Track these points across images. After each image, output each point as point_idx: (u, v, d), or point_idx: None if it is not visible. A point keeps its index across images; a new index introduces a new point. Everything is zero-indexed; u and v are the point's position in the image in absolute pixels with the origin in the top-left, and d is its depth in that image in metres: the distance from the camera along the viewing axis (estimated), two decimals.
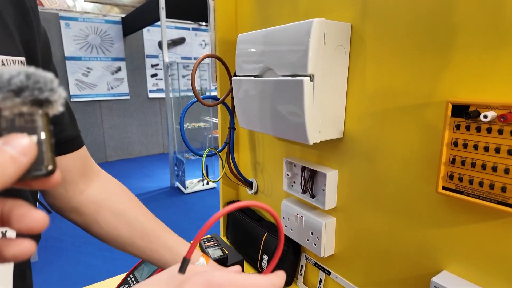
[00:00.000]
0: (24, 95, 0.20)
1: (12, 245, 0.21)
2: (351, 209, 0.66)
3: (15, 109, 0.21)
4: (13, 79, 0.20)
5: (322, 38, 0.56)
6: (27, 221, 0.21)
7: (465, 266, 0.49)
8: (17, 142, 0.20)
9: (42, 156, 0.22)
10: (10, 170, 0.19)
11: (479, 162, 0.44)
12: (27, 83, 0.21)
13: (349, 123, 0.64)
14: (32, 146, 0.21)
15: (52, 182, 0.23)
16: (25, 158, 0.20)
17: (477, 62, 0.44)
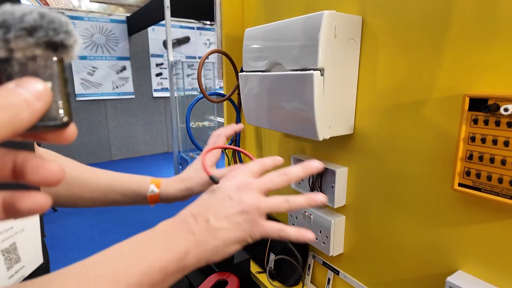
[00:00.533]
0: (38, 35, 0.19)
1: (26, 197, 0.20)
2: (361, 207, 0.65)
3: (28, 51, 0.19)
4: (26, 17, 0.19)
5: (333, 31, 0.54)
6: (42, 172, 0.20)
7: (482, 266, 0.48)
8: (32, 86, 0.19)
9: (57, 105, 0.20)
10: (23, 114, 0.18)
11: (498, 158, 0.42)
12: (41, 22, 0.19)
13: (359, 118, 0.62)
14: (47, 91, 0.19)
15: (67, 136, 0.21)
16: (39, 103, 0.19)
17: (495, 54, 0.42)
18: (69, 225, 3.10)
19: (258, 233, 0.40)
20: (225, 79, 0.95)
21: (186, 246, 0.36)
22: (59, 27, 0.20)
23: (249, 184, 0.42)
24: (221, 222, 0.38)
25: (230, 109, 0.97)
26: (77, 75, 4.75)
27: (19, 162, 0.20)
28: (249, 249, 0.93)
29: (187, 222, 0.38)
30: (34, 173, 0.20)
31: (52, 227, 3.04)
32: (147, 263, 0.33)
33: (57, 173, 0.20)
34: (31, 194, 0.20)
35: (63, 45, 0.20)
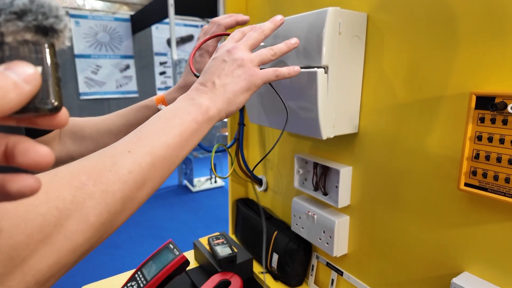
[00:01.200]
0: (27, 19, 0.19)
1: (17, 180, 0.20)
2: (366, 207, 0.64)
3: (18, 36, 0.19)
4: (15, 1, 0.19)
5: (337, 28, 0.53)
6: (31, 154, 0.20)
7: (488, 268, 0.47)
8: (20, 69, 0.19)
9: (48, 90, 0.21)
10: (11, 95, 0.18)
11: (505, 157, 0.41)
12: (30, 6, 0.19)
13: (364, 117, 0.61)
14: (37, 75, 0.19)
15: (58, 120, 0.22)
16: (28, 86, 0.19)
17: (503, 51, 0.42)
18: None
19: (258, 79, 0.47)
20: None
21: (205, 102, 0.44)
22: (48, 12, 0.20)
23: (236, 46, 0.48)
24: (225, 79, 0.46)
25: None
26: (81, 73, 4.76)
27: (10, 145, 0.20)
28: (251, 248, 0.93)
29: (198, 89, 0.46)
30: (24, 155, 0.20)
31: None
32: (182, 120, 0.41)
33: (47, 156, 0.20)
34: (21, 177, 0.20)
35: (53, 29, 0.20)
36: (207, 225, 3.07)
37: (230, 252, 0.82)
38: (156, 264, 0.75)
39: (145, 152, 0.37)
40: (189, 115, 0.42)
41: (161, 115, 0.42)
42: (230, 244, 0.86)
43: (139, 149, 0.37)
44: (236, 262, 0.82)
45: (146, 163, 0.37)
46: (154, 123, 0.41)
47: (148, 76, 5.31)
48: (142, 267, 0.77)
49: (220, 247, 0.84)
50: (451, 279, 0.48)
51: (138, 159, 0.36)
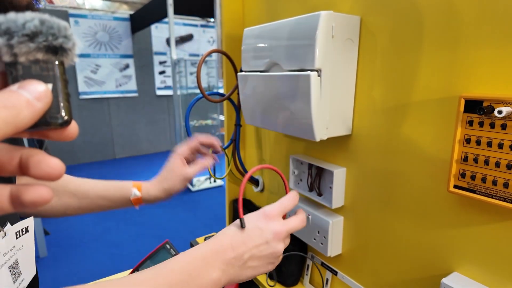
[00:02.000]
0: (39, 40, 0.21)
1: (30, 190, 0.22)
2: (359, 207, 0.65)
3: (30, 56, 0.21)
4: (27, 24, 0.20)
5: (330, 31, 0.54)
6: (43, 167, 0.22)
7: (477, 268, 0.48)
8: (33, 88, 0.20)
9: (58, 105, 0.22)
10: (24, 113, 0.20)
11: (492, 160, 0.42)
12: (41, 28, 0.21)
13: (357, 119, 0.62)
14: (47, 93, 0.21)
15: (68, 133, 0.23)
16: (39, 104, 0.20)
17: (491, 56, 0.42)
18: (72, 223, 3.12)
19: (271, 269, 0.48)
20: (225, 79, 0.95)
21: (220, 276, 0.42)
22: (57, 32, 0.21)
23: (281, 233, 0.47)
24: (254, 262, 0.45)
25: (230, 109, 0.97)
26: (80, 73, 4.77)
27: (24, 157, 0.22)
28: None
29: (225, 254, 0.43)
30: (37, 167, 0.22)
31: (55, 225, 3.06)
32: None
33: (58, 168, 0.22)
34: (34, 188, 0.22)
35: (62, 48, 0.22)
36: (206, 225, 3.08)
37: None
38: (153, 264, 0.76)
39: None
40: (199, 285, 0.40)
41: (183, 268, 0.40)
42: None
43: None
44: None
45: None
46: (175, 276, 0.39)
47: (147, 75, 5.32)
48: (139, 267, 0.78)
49: None
50: (441, 279, 0.48)
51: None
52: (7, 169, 0.23)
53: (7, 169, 0.23)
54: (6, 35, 0.20)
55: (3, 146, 0.23)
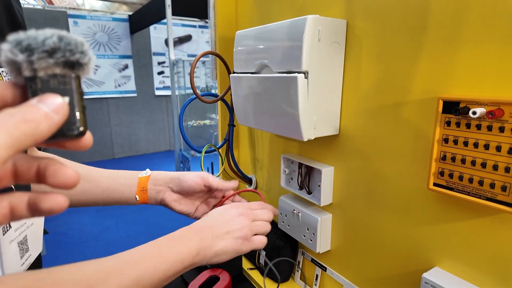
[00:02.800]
0: (57, 56, 0.22)
1: (48, 199, 0.23)
2: (347, 205, 0.67)
3: (49, 70, 0.22)
4: (46, 40, 0.21)
5: (317, 35, 0.56)
6: (60, 176, 0.23)
7: (457, 263, 0.50)
8: (51, 101, 0.22)
9: (74, 117, 0.23)
10: (43, 126, 0.21)
11: (469, 159, 0.44)
12: (59, 45, 0.22)
13: (345, 120, 0.64)
14: (65, 106, 0.22)
15: (83, 143, 0.24)
16: (57, 116, 0.22)
17: (468, 58, 0.44)
18: (71, 222, 3.14)
19: (247, 247, 0.54)
20: (219, 80, 0.97)
21: (197, 247, 0.48)
22: (75, 48, 0.23)
23: (247, 213, 0.57)
24: (223, 234, 0.52)
25: (224, 110, 0.99)
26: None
27: (42, 167, 0.24)
28: None
29: (200, 231, 0.51)
30: (54, 177, 0.23)
31: (54, 224, 3.07)
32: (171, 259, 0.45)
33: (73, 177, 0.23)
34: (52, 196, 0.23)
35: (79, 63, 0.23)
36: None
37: None
38: None
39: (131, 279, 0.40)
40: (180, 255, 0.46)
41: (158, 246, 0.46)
42: None
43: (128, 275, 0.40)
44: None
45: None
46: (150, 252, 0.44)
47: (146, 75, 5.34)
48: None
49: None
50: (422, 273, 0.50)
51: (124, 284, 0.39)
52: (25, 177, 0.24)
53: (25, 178, 0.24)
54: (27, 51, 0.21)
55: (22, 156, 0.24)
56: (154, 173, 0.67)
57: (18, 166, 0.24)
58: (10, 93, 0.23)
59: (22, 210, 0.23)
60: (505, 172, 0.40)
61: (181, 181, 0.65)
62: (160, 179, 0.66)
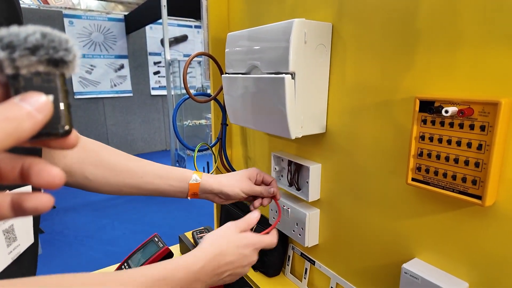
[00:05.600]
0: (40, 53, 0.21)
1: (32, 198, 0.22)
2: (334, 201, 0.70)
3: (32, 68, 0.21)
4: (29, 37, 0.21)
5: (303, 38, 0.59)
6: (44, 175, 0.22)
7: (434, 254, 0.52)
8: (34, 100, 0.21)
9: (59, 115, 0.22)
10: (26, 125, 0.20)
11: (443, 155, 0.47)
12: (42, 42, 0.21)
13: (331, 118, 0.67)
14: (48, 104, 0.21)
15: (69, 143, 0.24)
16: (40, 115, 0.21)
17: (442, 60, 0.47)
18: (67, 221, 3.15)
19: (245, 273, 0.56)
20: (212, 80, 1.00)
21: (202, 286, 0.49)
22: (58, 45, 0.22)
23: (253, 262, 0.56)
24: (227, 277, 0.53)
25: (217, 109, 1.01)
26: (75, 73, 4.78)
27: (25, 166, 0.23)
28: None
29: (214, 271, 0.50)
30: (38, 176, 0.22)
31: (50, 223, 3.08)
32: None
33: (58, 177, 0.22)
34: (36, 195, 0.23)
35: (63, 61, 0.22)
36: (200, 222, 3.12)
37: None
38: (142, 255, 0.80)
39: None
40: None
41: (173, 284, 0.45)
42: None
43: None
44: None
45: None
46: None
47: (142, 75, 5.34)
48: (128, 259, 0.82)
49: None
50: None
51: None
52: (8, 177, 0.23)
53: (9, 178, 0.23)
54: (9, 48, 0.20)
55: (5, 156, 0.23)
56: (204, 180, 0.68)
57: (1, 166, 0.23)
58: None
59: (5, 210, 0.23)
60: (475, 167, 0.43)
61: (229, 196, 0.68)
62: (208, 189, 0.68)
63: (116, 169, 0.65)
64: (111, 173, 0.64)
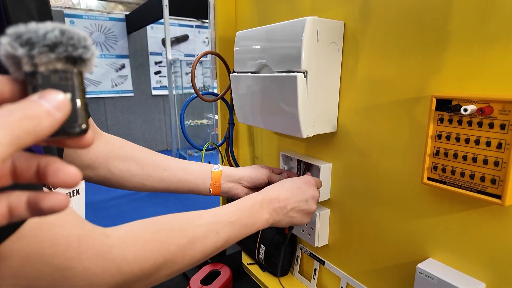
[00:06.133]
0: (59, 50, 0.21)
1: (49, 198, 0.22)
2: (345, 200, 0.69)
3: (50, 65, 0.21)
4: (48, 34, 0.21)
5: (315, 36, 0.58)
6: (61, 175, 0.22)
7: (450, 254, 0.52)
8: (52, 97, 0.21)
9: (76, 114, 0.22)
10: (45, 123, 0.20)
11: (460, 154, 0.46)
12: (61, 39, 0.21)
13: (342, 117, 0.66)
14: (67, 102, 0.21)
15: (85, 141, 0.23)
16: (59, 113, 0.21)
17: (461, 58, 0.47)
18: None
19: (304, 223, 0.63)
20: (219, 79, 0.99)
21: (269, 218, 0.56)
22: (77, 43, 0.22)
23: (316, 197, 0.63)
24: (294, 213, 0.60)
25: (224, 108, 1.01)
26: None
27: (42, 165, 0.22)
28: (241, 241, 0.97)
29: (273, 203, 0.58)
30: (55, 176, 0.22)
31: None
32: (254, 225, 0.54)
33: (75, 176, 0.22)
34: (52, 195, 0.22)
35: (81, 59, 0.22)
36: None
37: None
38: None
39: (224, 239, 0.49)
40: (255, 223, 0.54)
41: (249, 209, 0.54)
42: None
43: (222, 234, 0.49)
44: (225, 254, 0.87)
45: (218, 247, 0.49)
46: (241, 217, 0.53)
47: (143, 75, 5.34)
48: None
49: None
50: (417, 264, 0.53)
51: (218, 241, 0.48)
52: (24, 176, 0.23)
53: (24, 177, 0.23)
54: (27, 45, 0.20)
55: (22, 154, 0.23)
56: (226, 169, 0.70)
57: (17, 164, 0.23)
58: (9, 89, 0.21)
59: (21, 210, 0.22)
60: (494, 166, 0.43)
61: (253, 178, 0.70)
62: (232, 175, 0.70)
63: (142, 162, 0.66)
64: (136, 166, 0.66)
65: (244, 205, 0.55)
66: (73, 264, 0.34)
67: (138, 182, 0.66)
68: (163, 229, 0.44)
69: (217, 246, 0.49)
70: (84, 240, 0.36)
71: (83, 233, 0.37)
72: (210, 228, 0.48)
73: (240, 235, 0.52)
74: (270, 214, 0.56)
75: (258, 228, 0.55)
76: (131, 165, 0.65)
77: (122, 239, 0.40)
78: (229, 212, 0.52)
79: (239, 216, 0.52)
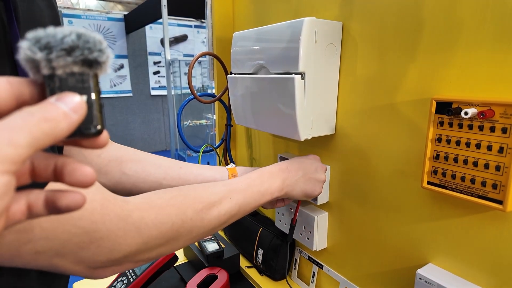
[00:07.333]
0: (75, 54, 0.22)
1: (66, 196, 0.23)
2: (343, 204, 0.68)
3: (67, 69, 0.22)
4: (65, 38, 0.21)
5: (313, 37, 0.57)
6: (78, 175, 0.23)
7: (450, 259, 0.51)
8: (69, 100, 0.21)
9: (92, 115, 0.23)
10: (62, 125, 0.21)
11: (461, 158, 0.45)
12: (78, 43, 0.22)
13: (340, 120, 0.65)
14: (83, 104, 0.22)
15: (100, 142, 0.24)
16: (75, 115, 0.21)
17: (461, 60, 0.46)
18: None
19: (317, 193, 0.63)
20: (216, 80, 0.98)
21: (282, 185, 0.58)
22: (93, 46, 0.22)
23: (324, 168, 0.65)
24: (305, 181, 0.61)
25: (222, 110, 1.00)
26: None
27: (59, 165, 0.23)
28: (239, 244, 0.96)
29: (284, 172, 0.60)
30: (71, 175, 0.23)
31: None
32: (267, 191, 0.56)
33: (90, 176, 0.23)
34: (69, 193, 0.23)
35: (97, 61, 0.23)
36: None
37: (217, 248, 0.86)
38: None
39: (237, 204, 0.51)
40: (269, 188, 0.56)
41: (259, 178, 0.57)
42: (217, 240, 0.89)
43: (236, 200, 0.51)
44: (223, 257, 0.86)
45: (233, 213, 0.51)
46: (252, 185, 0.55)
47: (142, 75, 5.32)
48: None
49: (208, 243, 0.88)
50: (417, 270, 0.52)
51: (232, 208, 0.50)
52: (42, 176, 0.24)
53: (42, 176, 0.24)
54: (46, 49, 0.21)
55: (40, 154, 0.24)
56: (239, 168, 0.70)
57: (35, 164, 0.24)
58: (28, 91, 0.22)
59: (39, 208, 0.23)
60: (495, 171, 0.42)
61: None
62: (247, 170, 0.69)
63: (157, 162, 0.66)
64: (152, 166, 0.65)
65: (253, 175, 0.57)
66: (98, 227, 0.36)
67: (155, 181, 0.64)
68: (178, 195, 0.46)
69: (232, 213, 0.51)
70: (105, 204, 0.37)
71: (104, 198, 0.38)
72: (224, 195, 0.50)
73: (253, 202, 0.54)
74: (282, 181, 0.58)
75: (272, 195, 0.57)
76: (146, 165, 0.65)
77: (139, 204, 0.41)
78: (240, 181, 0.55)
79: (249, 184, 0.55)
